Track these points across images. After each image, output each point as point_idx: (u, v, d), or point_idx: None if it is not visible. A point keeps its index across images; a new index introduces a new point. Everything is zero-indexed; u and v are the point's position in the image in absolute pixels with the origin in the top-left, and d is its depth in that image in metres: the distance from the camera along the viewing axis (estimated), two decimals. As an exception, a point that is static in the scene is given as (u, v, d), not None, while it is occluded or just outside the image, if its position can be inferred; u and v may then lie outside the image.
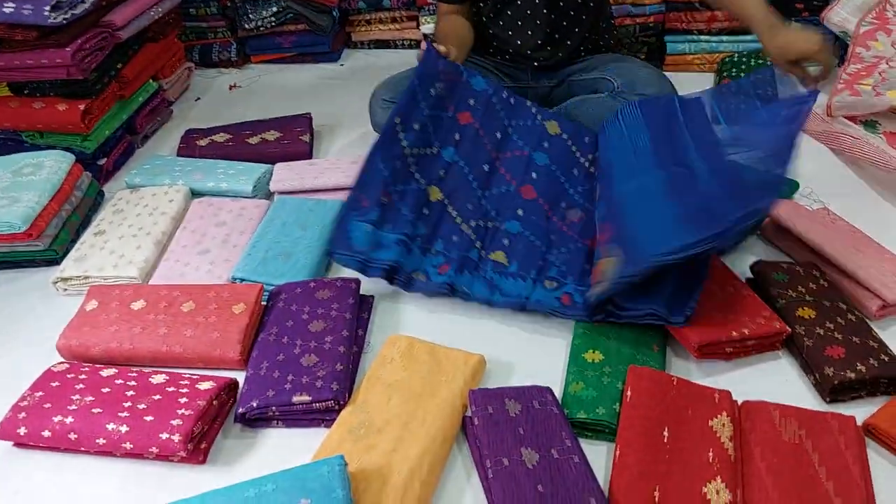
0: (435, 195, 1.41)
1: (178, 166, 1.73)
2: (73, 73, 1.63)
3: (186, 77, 2.25)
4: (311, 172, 1.68)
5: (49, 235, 1.46)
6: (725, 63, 2.11)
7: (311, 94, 2.23)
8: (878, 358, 1.09)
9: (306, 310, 1.25)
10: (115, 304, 1.27)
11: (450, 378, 1.12)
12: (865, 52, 1.87)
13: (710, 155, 1.31)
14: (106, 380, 1.12)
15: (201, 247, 1.46)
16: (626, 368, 1.10)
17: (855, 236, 1.37)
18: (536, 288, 1.30)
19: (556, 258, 1.35)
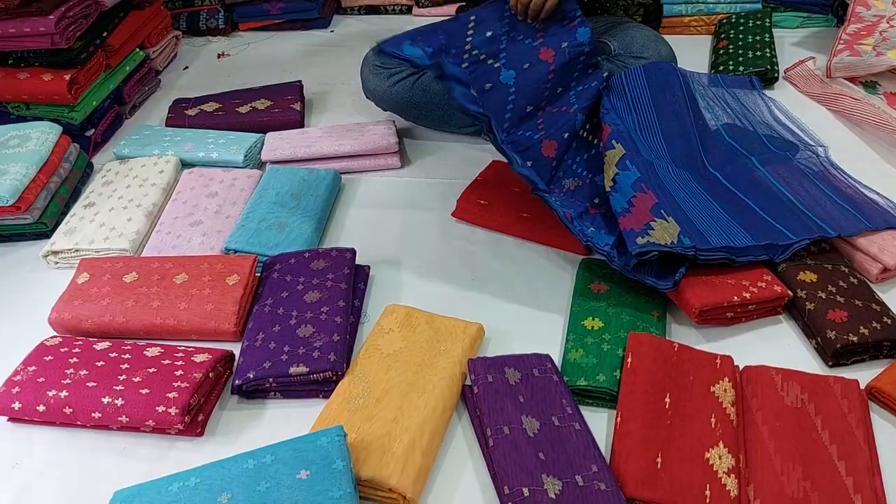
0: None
1: (168, 136, 1.69)
2: (56, 42, 1.58)
3: (174, 46, 2.20)
4: (304, 141, 1.64)
5: (38, 208, 1.44)
6: (723, 24, 2.08)
7: (301, 61, 2.19)
8: (880, 321, 1.08)
9: (301, 280, 1.23)
10: (107, 276, 1.25)
11: (449, 347, 1.11)
12: (866, 12, 1.84)
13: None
14: (100, 353, 1.10)
15: (193, 218, 1.44)
16: (626, 335, 1.09)
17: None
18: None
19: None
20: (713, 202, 1.33)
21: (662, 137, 1.44)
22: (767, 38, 1.93)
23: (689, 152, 1.43)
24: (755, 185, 1.38)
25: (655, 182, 1.34)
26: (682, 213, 1.29)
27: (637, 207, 1.24)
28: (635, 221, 1.21)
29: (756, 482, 0.89)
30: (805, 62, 1.88)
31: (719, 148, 1.48)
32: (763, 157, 1.45)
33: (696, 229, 1.25)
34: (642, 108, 1.46)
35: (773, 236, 1.23)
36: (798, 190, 1.36)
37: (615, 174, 1.30)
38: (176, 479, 0.89)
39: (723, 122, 1.55)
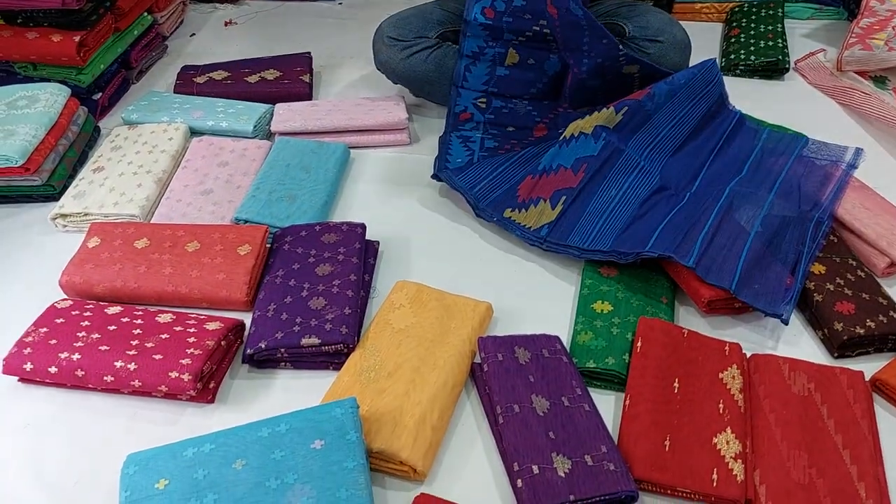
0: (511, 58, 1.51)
1: (177, 103, 1.68)
2: (68, 3, 1.56)
3: (181, 11, 2.18)
4: (314, 114, 1.64)
5: (46, 170, 1.43)
6: (735, 13, 2.08)
7: (309, 32, 2.17)
8: (886, 315, 1.09)
9: (313, 253, 1.23)
10: (119, 241, 1.24)
11: (459, 324, 1.12)
12: (880, 6, 1.84)
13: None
14: (112, 317, 1.10)
15: (203, 187, 1.43)
16: (636, 320, 1.10)
17: (863, 193, 1.37)
18: (477, 90, 1.53)
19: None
20: (630, 210, 1.30)
21: (671, 149, 1.43)
22: (779, 28, 1.93)
23: (679, 174, 1.39)
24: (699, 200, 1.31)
25: (599, 168, 1.35)
26: (584, 207, 1.31)
27: (549, 180, 1.36)
28: (530, 191, 1.37)
29: (762, 468, 0.91)
30: (815, 54, 1.88)
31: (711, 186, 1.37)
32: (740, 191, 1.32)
33: (574, 226, 1.29)
34: (683, 119, 1.45)
35: (631, 244, 1.20)
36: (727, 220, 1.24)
37: (580, 133, 1.38)
38: (190, 444, 0.90)
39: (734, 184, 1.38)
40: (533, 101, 1.55)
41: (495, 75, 1.52)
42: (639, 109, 1.41)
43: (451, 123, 1.55)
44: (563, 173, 1.38)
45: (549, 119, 1.55)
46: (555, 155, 1.42)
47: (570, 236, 1.28)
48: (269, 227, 1.31)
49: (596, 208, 1.31)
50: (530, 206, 1.35)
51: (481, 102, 1.55)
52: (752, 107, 1.63)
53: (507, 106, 1.54)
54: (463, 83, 1.54)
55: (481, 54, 1.51)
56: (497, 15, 1.48)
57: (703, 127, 1.47)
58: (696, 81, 1.46)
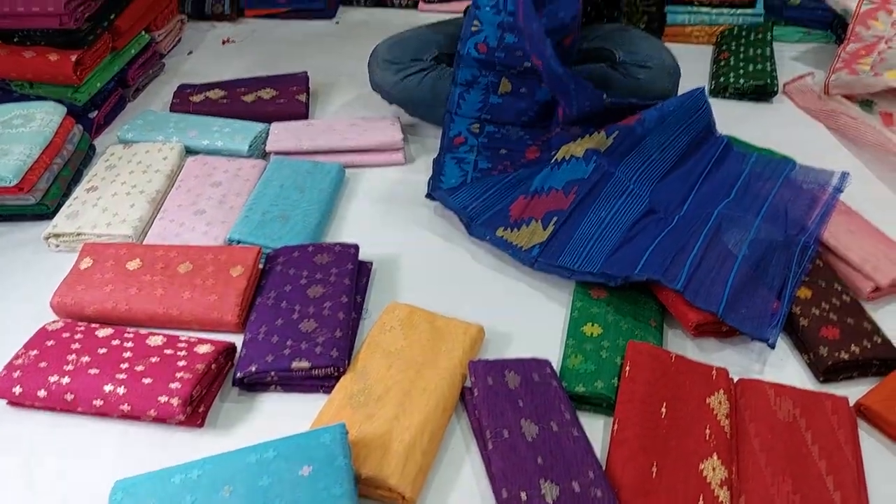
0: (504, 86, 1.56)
1: (172, 122, 1.69)
2: (65, 23, 1.57)
3: (179, 30, 2.19)
4: (309, 134, 1.65)
5: (40, 189, 1.43)
6: (725, 36, 2.10)
7: (306, 51, 2.19)
8: (871, 340, 1.10)
9: (305, 274, 1.24)
10: (111, 262, 1.25)
11: (449, 348, 1.12)
12: (865, 32, 1.86)
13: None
14: (102, 340, 1.11)
15: (197, 207, 1.44)
16: (625, 343, 1.11)
17: (849, 217, 1.38)
18: (471, 117, 1.58)
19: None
20: (619, 232, 1.32)
21: (660, 173, 1.45)
22: (768, 51, 1.96)
23: (668, 197, 1.40)
24: (687, 224, 1.31)
25: (590, 191, 1.38)
26: (574, 229, 1.33)
27: (541, 201, 1.39)
28: (522, 211, 1.39)
29: (747, 494, 0.92)
30: (804, 77, 1.91)
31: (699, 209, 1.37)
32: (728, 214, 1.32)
33: (564, 247, 1.31)
34: (672, 144, 1.47)
35: (620, 267, 1.22)
36: (715, 243, 1.24)
37: (571, 156, 1.41)
38: (178, 470, 0.90)
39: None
40: (525, 127, 1.58)
41: (489, 103, 1.56)
42: (629, 134, 1.43)
43: (446, 146, 1.58)
44: (555, 195, 1.39)
45: (542, 142, 1.57)
46: (546, 177, 1.44)
47: (561, 257, 1.29)
48: (261, 247, 1.31)
49: (586, 230, 1.33)
50: (522, 226, 1.37)
51: (475, 128, 1.57)
52: (741, 129, 1.65)
53: (499, 131, 1.57)
54: (457, 110, 1.57)
55: (475, 83, 1.55)
56: (489, 50, 1.52)
57: (692, 153, 1.49)
58: (685, 109, 1.49)
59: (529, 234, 1.35)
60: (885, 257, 1.26)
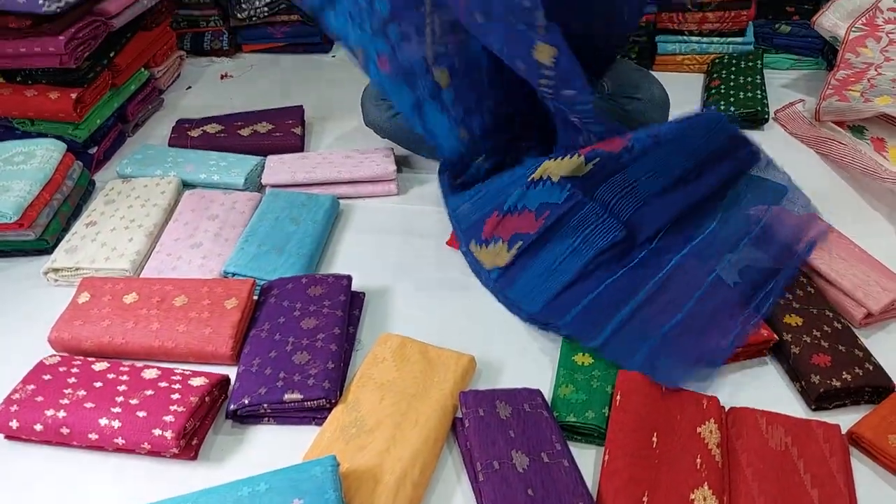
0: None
1: (170, 157, 1.72)
2: (65, 62, 1.61)
3: (178, 65, 2.23)
4: (304, 166, 1.67)
5: (40, 225, 1.45)
6: (715, 64, 2.13)
7: (303, 85, 2.22)
8: (862, 367, 1.11)
9: (298, 306, 1.25)
10: (108, 297, 1.26)
11: (441, 379, 1.13)
12: (855, 58, 1.89)
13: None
14: (98, 374, 1.12)
15: (193, 240, 1.46)
16: (615, 372, 1.12)
17: (840, 243, 1.39)
18: (451, 132, 1.46)
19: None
20: (571, 271, 1.29)
21: (645, 196, 1.35)
22: (759, 79, 1.99)
23: (649, 221, 1.35)
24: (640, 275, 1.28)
25: (560, 217, 1.32)
26: (532, 260, 1.30)
27: (512, 220, 1.33)
28: (493, 228, 1.34)
29: (738, 523, 0.92)
30: (795, 104, 1.93)
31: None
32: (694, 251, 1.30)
33: (517, 278, 1.30)
34: (667, 169, 1.37)
35: (553, 315, 1.23)
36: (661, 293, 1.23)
37: (548, 177, 1.31)
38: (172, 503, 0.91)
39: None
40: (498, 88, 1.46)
41: (441, 96, 1.46)
42: (612, 160, 1.34)
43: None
44: (526, 216, 1.34)
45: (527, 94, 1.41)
46: (521, 195, 1.37)
47: (512, 288, 1.30)
48: (256, 280, 1.33)
49: (541, 265, 1.30)
50: (490, 245, 1.35)
51: (462, 134, 1.50)
52: (732, 157, 1.67)
53: (481, 109, 1.49)
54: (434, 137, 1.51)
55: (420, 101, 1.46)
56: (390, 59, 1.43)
57: (694, 177, 1.37)
58: (691, 131, 1.34)
59: (493, 255, 1.34)
60: (877, 283, 1.26)
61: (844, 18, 1.94)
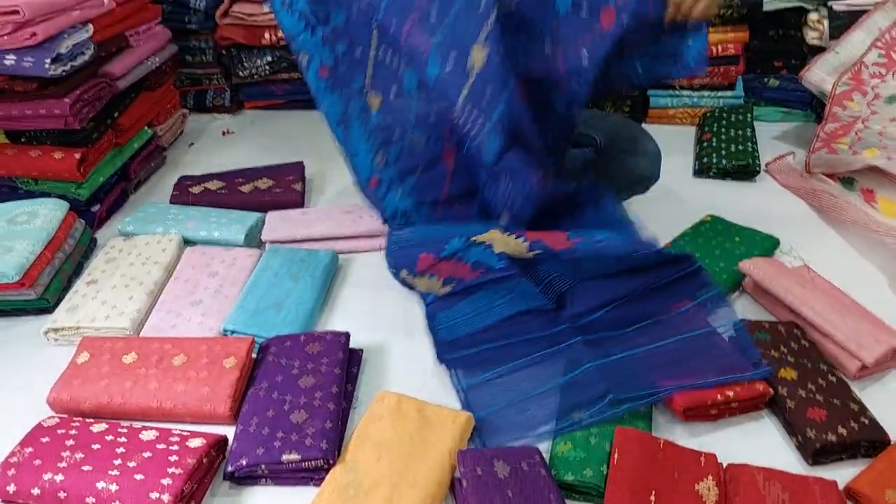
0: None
1: (172, 214, 1.75)
2: (70, 123, 1.65)
3: (181, 123, 2.28)
4: (303, 222, 1.70)
5: (41, 284, 1.47)
6: (706, 117, 2.18)
7: (303, 140, 2.27)
8: (858, 421, 1.11)
9: (296, 364, 1.26)
10: (107, 356, 1.27)
11: (439, 437, 1.13)
12: (842, 112, 1.93)
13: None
14: (96, 436, 1.12)
15: (193, 297, 1.47)
16: (613, 428, 1.12)
17: (834, 295, 1.41)
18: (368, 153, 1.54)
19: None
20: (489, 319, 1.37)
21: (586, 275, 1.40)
22: (749, 132, 2.03)
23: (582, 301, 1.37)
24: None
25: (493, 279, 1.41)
26: (461, 298, 1.41)
27: (448, 266, 1.44)
28: (428, 268, 1.45)
29: (737, 584, 0.91)
30: (785, 157, 1.97)
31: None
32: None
33: (441, 311, 1.41)
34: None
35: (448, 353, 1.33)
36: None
37: (490, 245, 1.42)
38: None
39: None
40: (425, 127, 1.48)
41: (372, 124, 1.52)
42: (552, 255, 1.39)
43: (366, 193, 1.59)
44: (462, 267, 1.44)
45: (451, 137, 1.46)
46: (461, 249, 1.44)
47: (437, 318, 1.40)
48: (254, 338, 1.34)
49: (472, 305, 1.38)
50: (425, 277, 1.46)
51: (378, 161, 1.54)
52: (725, 209, 1.70)
53: (402, 146, 1.51)
54: (350, 151, 1.57)
55: (346, 116, 1.54)
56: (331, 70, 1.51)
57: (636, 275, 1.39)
58: (635, 259, 1.39)
59: (428, 285, 1.46)
60: (870, 335, 1.27)
61: (831, 73, 1.99)
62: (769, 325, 1.32)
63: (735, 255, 1.52)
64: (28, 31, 1.55)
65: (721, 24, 2.14)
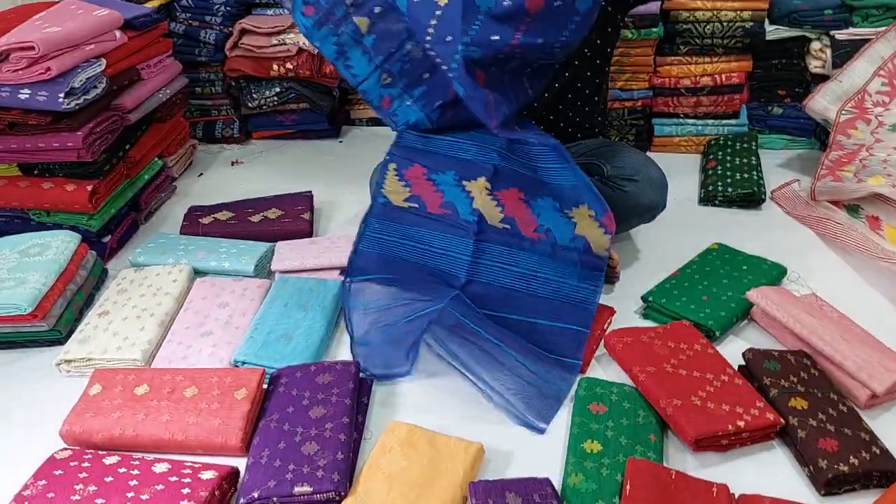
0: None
1: (182, 245, 1.76)
2: (82, 156, 1.67)
3: (190, 154, 2.31)
4: (312, 252, 1.71)
5: (53, 316, 1.48)
6: (711, 145, 2.19)
7: (312, 170, 2.29)
8: (869, 451, 1.11)
9: (307, 395, 1.26)
10: (119, 388, 1.28)
11: (450, 468, 1.13)
12: (846, 140, 1.95)
13: None
14: (109, 468, 1.13)
15: (204, 328, 1.48)
16: (625, 459, 1.12)
17: (842, 324, 1.41)
18: (373, 75, 1.55)
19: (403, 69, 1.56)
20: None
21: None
22: (754, 160, 2.04)
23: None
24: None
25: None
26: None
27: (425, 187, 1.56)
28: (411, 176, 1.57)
29: None
30: (790, 184, 1.98)
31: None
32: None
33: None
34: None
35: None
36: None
37: (474, 203, 1.52)
38: None
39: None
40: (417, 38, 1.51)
41: (368, 49, 1.57)
42: (515, 236, 1.51)
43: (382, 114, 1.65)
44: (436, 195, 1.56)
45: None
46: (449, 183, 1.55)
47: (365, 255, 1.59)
48: (265, 369, 1.34)
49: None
50: (398, 180, 1.58)
51: (385, 79, 1.59)
52: (731, 237, 1.71)
53: (405, 60, 1.56)
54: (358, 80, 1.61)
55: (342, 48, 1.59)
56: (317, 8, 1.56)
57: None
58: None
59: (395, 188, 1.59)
60: (880, 364, 1.27)
61: (834, 102, 2.01)
62: (778, 354, 1.32)
63: (743, 284, 1.53)
64: (43, 66, 1.58)
65: (724, 54, 2.16)
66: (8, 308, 1.41)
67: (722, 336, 1.44)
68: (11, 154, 1.69)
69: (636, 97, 2.23)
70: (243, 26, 2.30)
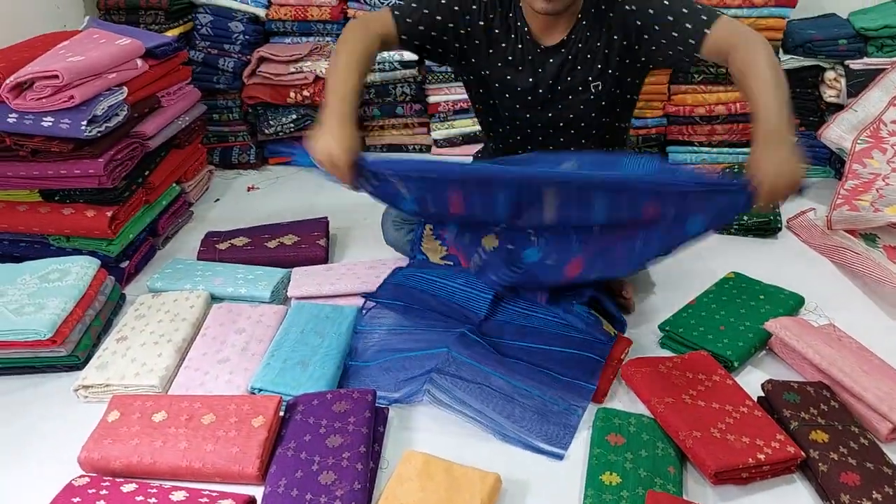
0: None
1: (199, 270, 1.77)
2: (104, 183, 1.69)
3: (207, 179, 2.33)
4: (328, 278, 1.72)
5: (72, 341, 1.49)
6: (726, 174, 2.19)
7: (327, 196, 2.29)
8: (892, 485, 1.10)
9: (324, 423, 1.26)
10: (137, 415, 1.28)
11: (466, 498, 1.13)
12: (862, 169, 1.95)
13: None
14: (127, 496, 1.13)
15: (221, 355, 1.49)
16: (644, 493, 1.11)
17: (861, 355, 1.40)
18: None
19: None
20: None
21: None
22: (770, 188, 2.04)
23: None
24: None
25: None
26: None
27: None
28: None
29: None
30: (806, 213, 1.98)
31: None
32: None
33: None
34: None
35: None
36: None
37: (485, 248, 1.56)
38: None
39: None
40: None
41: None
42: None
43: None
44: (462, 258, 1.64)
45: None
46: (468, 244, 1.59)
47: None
48: (282, 396, 1.34)
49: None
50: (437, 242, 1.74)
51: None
52: (747, 266, 1.71)
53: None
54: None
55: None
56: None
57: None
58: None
59: (433, 247, 1.73)
60: (901, 397, 1.26)
61: (849, 131, 2.01)
62: (797, 386, 1.32)
63: (760, 314, 1.52)
64: (66, 94, 1.60)
65: (738, 83, 2.17)
66: (27, 333, 1.42)
67: (740, 367, 1.44)
68: (34, 181, 1.71)
69: (650, 125, 2.25)
70: (262, 54, 2.33)
